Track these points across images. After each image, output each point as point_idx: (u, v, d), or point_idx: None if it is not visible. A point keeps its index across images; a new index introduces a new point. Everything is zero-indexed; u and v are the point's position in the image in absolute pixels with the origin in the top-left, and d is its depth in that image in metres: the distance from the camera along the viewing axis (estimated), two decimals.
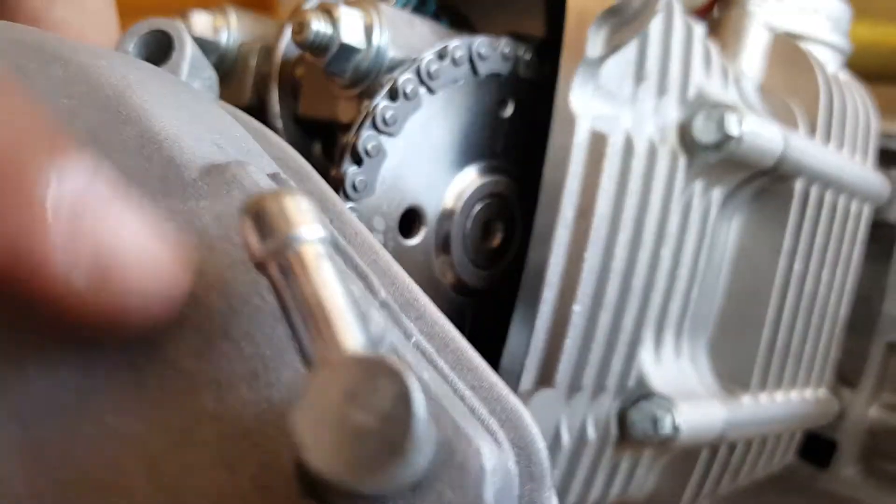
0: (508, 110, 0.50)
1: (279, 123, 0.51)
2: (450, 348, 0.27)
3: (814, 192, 0.60)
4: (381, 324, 0.23)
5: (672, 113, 0.52)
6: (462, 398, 0.26)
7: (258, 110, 0.52)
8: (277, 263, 0.21)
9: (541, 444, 0.26)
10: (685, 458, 0.58)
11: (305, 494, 0.20)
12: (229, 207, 0.25)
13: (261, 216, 0.21)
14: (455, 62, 0.46)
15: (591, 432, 0.52)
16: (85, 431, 0.22)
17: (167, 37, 0.38)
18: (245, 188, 0.25)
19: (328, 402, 0.18)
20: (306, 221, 0.21)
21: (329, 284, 0.20)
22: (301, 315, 0.20)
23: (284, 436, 0.20)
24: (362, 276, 0.27)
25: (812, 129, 0.61)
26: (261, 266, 0.21)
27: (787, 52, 0.62)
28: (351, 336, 0.20)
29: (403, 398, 0.18)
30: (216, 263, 0.24)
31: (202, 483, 0.21)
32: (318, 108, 0.50)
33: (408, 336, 0.26)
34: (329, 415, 0.18)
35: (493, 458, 0.21)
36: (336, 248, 0.22)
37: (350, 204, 0.44)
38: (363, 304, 0.22)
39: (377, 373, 0.18)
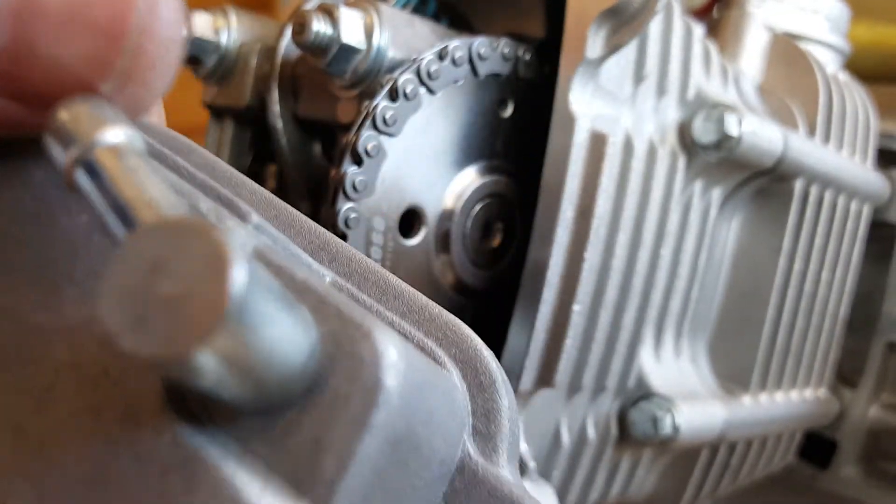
0: (508, 110, 0.50)
1: (279, 123, 0.51)
2: (370, 281, 0.25)
3: (813, 192, 0.60)
4: (240, 232, 0.21)
5: (672, 113, 0.52)
6: (391, 324, 0.24)
7: (258, 110, 0.52)
8: (83, 167, 0.19)
9: (486, 353, 0.24)
10: (685, 458, 0.58)
11: (177, 414, 0.18)
12: None
13: (61, 127, 0.20)
14: (455, 62, 0.46)
15: (592, 432, 0.53)
16: None
17: None
18: None
19: (131, 275, 0.16)
20: (109, 124, 0.20)
21: (139, 175, 0.19)
22: (113, 210, 0.19)
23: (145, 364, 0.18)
24: (225, 202, 0.24)
25: (811, 130, 0.61)
26: (69, 179, 0.20)
27: (787, 52, 0.62)
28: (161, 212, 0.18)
29: (216, 257, 0.15)
30: (43, 213, 0.23)
31: (69, 435, 0.19)
32: (318, 108, 0.50)
33: (321, 276, 0.24)
34: (132, 289, 0.16)
35: (394, 343, 0.19)
36: (151, 153, 0.21)
37: (350, 204, 0.44)
38: (212, 211, 0.21)
39: (183, 235, 0.16)
